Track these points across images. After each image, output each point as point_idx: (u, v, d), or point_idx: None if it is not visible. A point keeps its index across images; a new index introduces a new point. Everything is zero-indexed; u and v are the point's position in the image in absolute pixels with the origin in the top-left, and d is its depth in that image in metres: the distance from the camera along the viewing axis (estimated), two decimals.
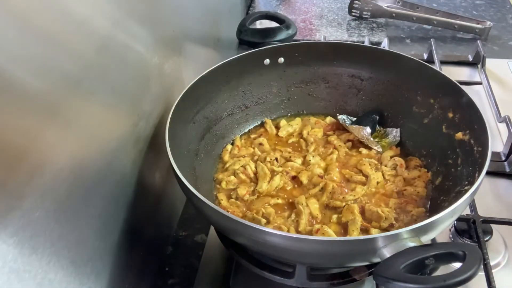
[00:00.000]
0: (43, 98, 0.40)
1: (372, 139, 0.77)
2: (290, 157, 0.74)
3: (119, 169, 0.56)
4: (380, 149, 0.76)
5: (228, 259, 0.68)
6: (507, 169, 0.82)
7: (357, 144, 0.77)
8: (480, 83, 1.03)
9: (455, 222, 0.71)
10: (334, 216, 0.64)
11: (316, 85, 0.82)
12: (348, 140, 0.77)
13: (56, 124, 0.42)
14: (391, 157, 0.74)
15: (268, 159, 0.73)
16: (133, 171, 0.59)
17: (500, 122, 0.89)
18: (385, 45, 1.11)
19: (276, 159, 0.73)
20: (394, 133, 0.77)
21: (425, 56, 1.10)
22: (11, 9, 0.36)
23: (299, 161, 0.73)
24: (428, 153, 0.72)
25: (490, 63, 1.07)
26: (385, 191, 0.68)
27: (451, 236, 0.71)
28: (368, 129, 0.76)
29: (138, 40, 0.59)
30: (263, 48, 0.78)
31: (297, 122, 0.82)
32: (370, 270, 0.57)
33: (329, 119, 0.82)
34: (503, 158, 0.83)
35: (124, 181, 0.57)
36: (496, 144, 0.87)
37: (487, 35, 1.20)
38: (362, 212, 0.64)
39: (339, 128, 0.80)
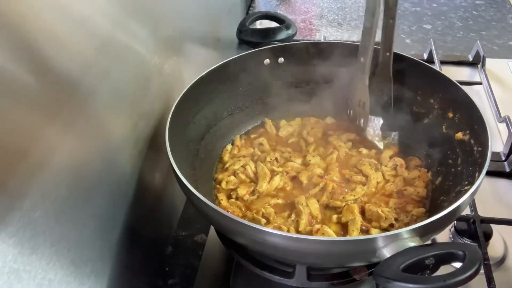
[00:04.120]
0: (43, 98, 0.40)
1: (379, 131, 0.75)
2: (290, 157, 0.74)
3: (119, 169, 0.56)
4: (381, 146, 0.75)
5: (228, 259, 0.68)
6: (507, 169, 0.82)
7: (357, 144, 0.77)
8: (480, 83, 1.03)
9: (455, 222, 0.71)
10: (334, 216, 0.64)
11: (316, 85, 0.82)
12: (349, 140, 0.77)
13: (56, 124, 0.42)
14: (391, 157, 0.73)
15: (268, 159, 0.73)
16: (133, 171, 0.59)
17: (500, 122, 0.89)
18: None
19: (276, 159, 0.73)
20: (393, 136, 0.77)
21: (425, 56, 1.10)
22: (11, 9, 0.36)
23: (299, 161, 0.73)
24: (428, 153, 0.72)
25: (490, 63, 1.08)
26: (385, 191, 0.68)
27: (451, 236, 0.71)
28: (380, 120, 0.75)
29: (138, 40, 0.59)
30: (263, 48, 0.78)
31: (297, 122, 0.82)
32: (370, 270, 0.57)
33: (329, 119, 0.82)
34: (503, 158, 0.83)
35: (124, 181, 0.58)
36: (496, 144, 0.87)
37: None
38: (362, 212, 0.64)
39: (339, 128, 0.80)
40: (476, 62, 1.09)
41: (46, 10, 0.40)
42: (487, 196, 0.78)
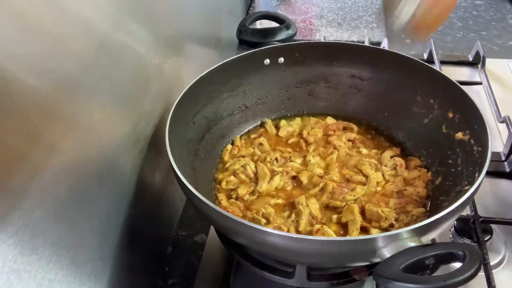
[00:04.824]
0: (43, 98, 0.40)
1: None
2: (290, 157, 0.74)
3: (119, 169, 0.56)
4: None
5: (228, 259, 0.68)
6: (507, 169, 0.82)
7: (357, 144, 0.77)
8: (480, 83, 1.03)
9: (455, 222, 0.71)
10: (334, 216, 0.64)
11: (316, 85, 0.82)
12: (349, 140, 0.77)
13: (56, 124, 0.42)
14: (391, 157, 0.74)
15: (268, 159, 0.73)
16: (133, 171, 0.59)
17: (500, 122, 0.89)
18: (385, 45, 1.11)
19: (276, 159, 0.73)
20: None
21: (425, 56, 1.10)
22: (11, 9, 0.36)
23: (299, 161, 0.73)
24: (428, 153, 0.72)
25: (490, 63, 1.07)
26: (385, 191, 0.68)
27: (451, 236, 0.71)
28: None
29: (138, 40, 0.59)
30: (263, 48, 0.78)
31: (297, 122, 0.82)
32: (370, 270, 0.57)
33: (329, 119, 0.82)
34: (503, 158, 0.83)
35: (124, 181, 0.57)
36: (496, 144, 0.87)
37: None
38: (362, 212, 0.64)
39: (339, 128, 0.80)
40: (476, 62, 1.09)
41: (46, 10, 0.40)
42: (487, 196, 0.78)
